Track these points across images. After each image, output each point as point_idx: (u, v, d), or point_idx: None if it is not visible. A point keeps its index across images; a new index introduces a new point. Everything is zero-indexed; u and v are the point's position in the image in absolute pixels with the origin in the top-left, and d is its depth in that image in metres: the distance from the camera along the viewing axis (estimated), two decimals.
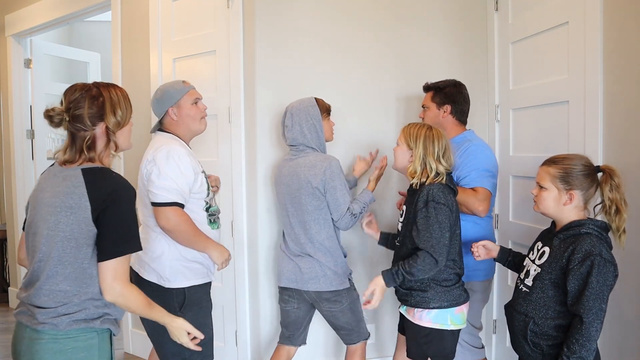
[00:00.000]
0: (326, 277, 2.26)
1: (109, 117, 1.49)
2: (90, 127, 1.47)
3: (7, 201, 4.50)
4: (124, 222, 1.42)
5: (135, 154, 3.24)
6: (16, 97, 4.25)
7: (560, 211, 1.76)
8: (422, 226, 1.93)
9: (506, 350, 2.78)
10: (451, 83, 2.37)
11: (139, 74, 3.18)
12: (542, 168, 1.81)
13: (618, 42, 2.02)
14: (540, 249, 1.82)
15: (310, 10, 2.72)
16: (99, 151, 1.50)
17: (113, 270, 1.40)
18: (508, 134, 2.75)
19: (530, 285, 1.78)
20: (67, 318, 1.40)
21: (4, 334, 3.85)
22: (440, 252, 1.90)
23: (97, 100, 1.48)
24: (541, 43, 2.46)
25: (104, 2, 3.42)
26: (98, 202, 1.39)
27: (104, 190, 1.41)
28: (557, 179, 1.74)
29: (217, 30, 2.78)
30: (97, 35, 5.21)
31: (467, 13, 2.91)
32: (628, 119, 2.00)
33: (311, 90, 2.71)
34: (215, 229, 2.18)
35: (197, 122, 2.17)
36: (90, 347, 1.43)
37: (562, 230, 1.75)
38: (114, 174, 1.47)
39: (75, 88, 1.50)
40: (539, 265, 1.77)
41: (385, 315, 2.88)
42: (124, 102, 1.54)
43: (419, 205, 1.95)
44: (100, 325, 1.45)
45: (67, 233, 1.41)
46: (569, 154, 1.81)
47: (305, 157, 2.28)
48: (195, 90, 2.21)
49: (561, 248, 1.70)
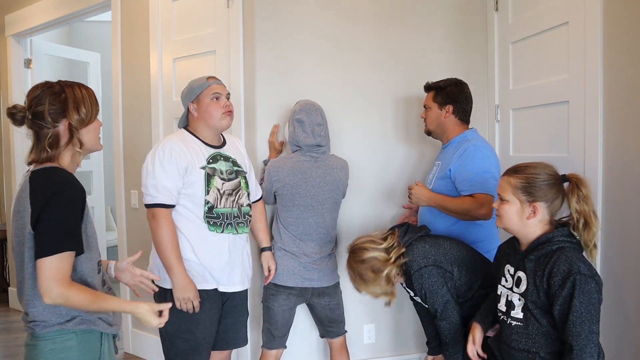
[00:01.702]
0: (336, 270, 2.44)
1: (72, 113, 1.45)
2: (51, 124, 1.43)
3: (7, 201, 4.50)
4: (61, 221, 1.35)
5: (135, 153, 3.25)
6: (16, 97, 4.24)
7: (524, 226, 1.61)
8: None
9: None
10: (453, 82, 2.33)
11: (139, 74, 3.18)
12: (502, 178, 1.67)
13: (618, 42, 2.02)
14: (514, 275, 1.66)
15: (310, 10, 2.72)
16: (62, 149, 1.46)
17: (48, 269, 1.33)
18: (508, 134, 2.75)
19: (521, 318, 1.61)
20: (41, 324, 1.39)
21: (4, 334, 3.85)
22: None
23: (59, 96, 1.45)
24: (541, 43, 2.46)
25: (104, 2, 3.42)
26: (37, 203, 1.36)
27: (43, 191, 1.37)
28: (518, 189, 1.60)
29: (217, 30, 2.78)
30: (97, 35, 5.21)
31: (467, 13, 2.92)
32: (628, 119, 2.00)
33: (311, 90, 2.71)
34: (219, 232, 2.06)
35: (216, 118, 2.09)
36: (67, 348, 1.41)
37: (531, 249, 1.60)
38: (59, 173, 1.41)
39: (37, 86, 1.48)
40: (521, 294, 1.61)
41: (386, 315, 2.88)
42: (88, 100, 1.49)
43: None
44: (75, 326, 1.42)
45: (19, 238, 1.40)
46: (532, 162, 1.67)
47: (330, 158, 2.41)
48: (219, 85, 2.14)
49: (538, 272, 1.56)
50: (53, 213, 1.35)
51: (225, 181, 2.09)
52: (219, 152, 2.14)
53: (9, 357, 3.40)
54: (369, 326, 2.87)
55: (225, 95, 2.14)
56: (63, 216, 1.36)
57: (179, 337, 2.05)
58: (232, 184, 2.12)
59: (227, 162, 2.13)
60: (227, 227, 2.08)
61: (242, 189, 2.16)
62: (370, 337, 2.88)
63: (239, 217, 2.13)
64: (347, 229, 2.72)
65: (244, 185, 2.18)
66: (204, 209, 2.04)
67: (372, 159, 2.82)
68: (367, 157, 2.81)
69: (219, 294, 2.11)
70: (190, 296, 1.98)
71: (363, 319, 2.86)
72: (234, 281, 2.13)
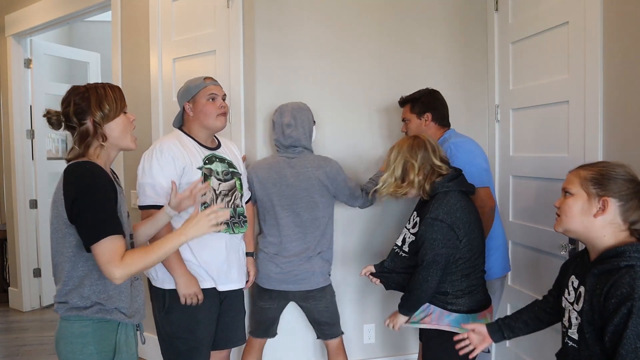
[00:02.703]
0: (322, 275, 2.35)
1: (95, 110, 1.54)
2: (77, 123, 1.55)
3: (7, 201, 4.49)
4: (94, 210, 1.45)
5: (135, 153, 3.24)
6: (16, 97, 4.25)
7: (590, 227, 1.33)
8: None
9: (506, 350, 2.78)
10: (426, 92, 2.43)
11: (139, 74, 3.18)
12: (571, 172, 1.42)
13: (618, 42, 2.02)
14: (576, 288, 1.40)
15: (310, 10, 2.72)
16: (90, 146, 1.56)
17: (100, 255, 1.44)
18: (508, 134, 2.75)
19: (576, 339, 1.36)
20: (64, 306, 1.52)
21: (4, 334, 3.85)
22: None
23: (83, 96, 1.55)
24: (541, 43, 2.46)
25: (104, 2, 3.42)
26: (69, 194, 1.46)
27: (73, 184, 1.47)
28: (588, 181, 1.34)
29: (217, 30, 2.78)
30: (97, 35, 5.22)
31: (467, 13, 2.91)
32: (628, 118, 2.00)
33: (312, 90, 2.71)
34: (216, 232, 2.10)
35: (211, 118, 2.12)
36: (84, 334, 1.50)
37: (598, 261, 1.33)
38: (87, 166, 1.50)
39: (67, 91, 1.59)
40: (579, 312, 1.35)
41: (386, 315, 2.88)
42: (112, 97, 1.58)
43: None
44: (91, 314, 1.51)
45: (54, 226, 1.52)
46: (607, 161, 1.43)
47: (307, 158, 2.35)
48: (215, 86, 2.18)
49: (597, 290, 1.29)
50: (87, 204, 1.45)
51: (221, 182, 2.12)
52: (214, 153, 2.16)
53: (9, 357, 3.40)
54: (368, 326, 2.87)
55: (221, 97, 2.17)
56: (97, 205, 1.46)
57: (178, 337, 2.05)
58: (228, 184, 2.15)
59: (222, 164, 2.15)
60: (224, 227, 2.10)
61: (237, 190, 2.20)
62: (370, 337, 2.88)
63: (235, 217, 2.16)
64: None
65: (239, 186, 2.21)
66: (200, 210, 2.03)
67: (372, 159, 2.82)
68: (367, 157, 2.81)
69: (216, 293, 2.13)
70: (195, 290, 2.02)
71: (363, 319, 2.86)
72: (231, 279, 2.16)
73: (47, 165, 4.50)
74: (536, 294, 2.51)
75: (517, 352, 2.70)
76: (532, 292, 2.54)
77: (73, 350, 1.50)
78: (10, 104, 4.28)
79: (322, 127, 2.72)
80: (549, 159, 2.41)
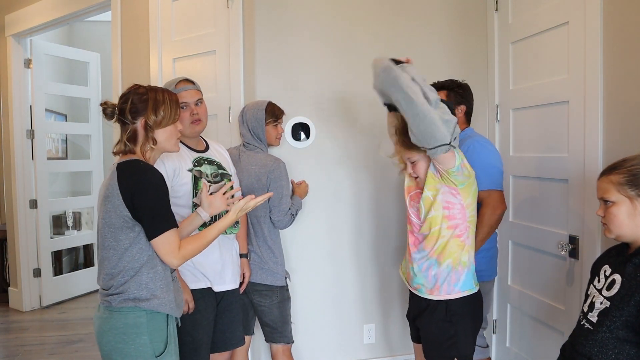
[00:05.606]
0: (263, 271, 2.34)
1: (150, 114, 1.62)
2: (130, 120, 1.62)
3: (7, 201, 4.49)
4: (152, 205, 1.55)
5: None
6: (16, 97, 4.25)
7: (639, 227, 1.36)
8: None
9: (506, 350, 2.78)
10: (461, 83, 2.34)
11: (139, 74, 3.18)
12: (601, 180, 1.44)
13: (618, 42, 2.02)
14: (608, 276, 1.43)
15: (310, 10, 2.72)
16: (140, 144, 1.63)
17: (162, 246, 1.57)
18: (508, 134, 2.75)
19: (594, 322, 1.40)
20: (118, 297, 1.57)
21: (4, 334, 3.85)
22: None
23: (142, 97, 1.63)
24: (541, 43, 2.46)
25: (104, 2, 3.43)
26: (126, 189, 1.53)
27: (131, 179, 1.54)
28: (624, 185, 1.37)
29: (217, 30, 2.78)
30: (97, 35, 5.22)
31: (467, 13, 2.92)
32: (628, 118, 2.00)
33: (311, 91, 2.71)
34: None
35: (185, 126, 2.04)
36: (138, 325, 1.56)
37: (638, 252, 1.37)
38: (141, 164, 1.58)
39: (128, 88, 1.67)
40: (608, 297, 1.39)
41: (386, 315, 2.89)
42: (169, 104, 1.65)
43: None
44: (147, 306, 1.57)
45: (107, 220, 1.57)
46: (627, 156, 1.44)
47: (256, 155, 2.36)
48: (187, 92, 2.11)
49: (637, 277, 1.33)
50: (145, 200, 1.54)
51: (211, 184, 2.12)
52: (202, 156, 2.16)
53: (9, 357, 3.40)
54: (368, 326, 2.88)
55: (194, 102, 2.12)
56: (155, 201, 1.56)
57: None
58: (218, 186, 2.14)
59: (211, 166, 2.15)
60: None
61: (227, 191, 2.17)
62: (370, 337, 2.88)
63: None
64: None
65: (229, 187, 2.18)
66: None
67: (370, 159, 2.82)
68: (365, 157, 2.81)
69: (213, 294, 2.12)
70: (187, 298, 2.02)
71: (363, 319, 2.86)
72: (225, 280, 2.15)
73: (47, 165, 4.51)
74: (536, 294, 2.51)
75: (517, 352, 2.70)
76: (532, 292, 2.54)
77: (125, 340, 1.55)
78: (10, 104, 4.28)
79: (322, 128, 2.72)
80: (549, 159, 2.41)
